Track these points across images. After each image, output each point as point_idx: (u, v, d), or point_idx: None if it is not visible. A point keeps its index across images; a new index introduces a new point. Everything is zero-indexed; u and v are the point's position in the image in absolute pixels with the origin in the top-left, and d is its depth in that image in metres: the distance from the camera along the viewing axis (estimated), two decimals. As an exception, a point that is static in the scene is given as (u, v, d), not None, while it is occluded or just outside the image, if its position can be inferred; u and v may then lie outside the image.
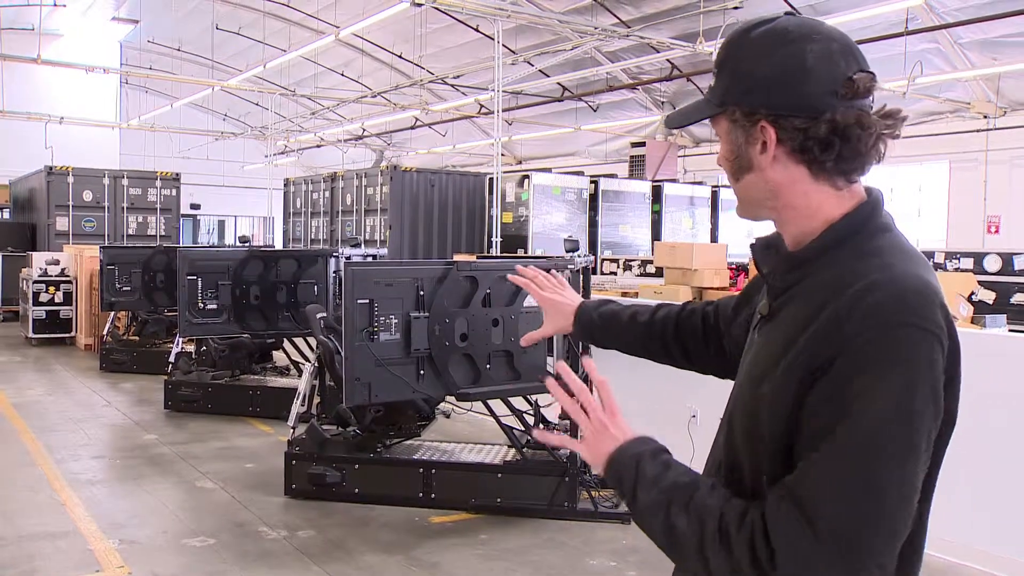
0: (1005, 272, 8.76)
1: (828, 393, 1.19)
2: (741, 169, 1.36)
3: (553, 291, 1.95)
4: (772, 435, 1.26)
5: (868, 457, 1.16)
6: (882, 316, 1.18)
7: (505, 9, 14.07)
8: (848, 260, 1.27)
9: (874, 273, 1.22)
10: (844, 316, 1.20)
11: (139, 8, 22.46)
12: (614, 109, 22.98)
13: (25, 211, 19.16)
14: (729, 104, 1.35)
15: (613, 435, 1.39)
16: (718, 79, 1.38)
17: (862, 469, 1.16)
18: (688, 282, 9.08)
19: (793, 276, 1.35)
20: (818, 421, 1.19)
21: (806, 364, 1.22)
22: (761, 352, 1.36)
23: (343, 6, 19.26)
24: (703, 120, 1.42)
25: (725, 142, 1.39)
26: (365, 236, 16.88)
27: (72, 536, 5.06)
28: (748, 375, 1.38)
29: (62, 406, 8.73)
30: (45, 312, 13.15)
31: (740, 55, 1.35)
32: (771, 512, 1.19)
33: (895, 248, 1.29)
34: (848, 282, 1.23)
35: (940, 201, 18.03)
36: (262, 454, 6.92)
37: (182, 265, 8.16)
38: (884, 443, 1.16)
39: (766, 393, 1.28)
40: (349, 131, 27.79)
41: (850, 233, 1.30)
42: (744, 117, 1.33)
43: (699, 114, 1.41)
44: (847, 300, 1.21)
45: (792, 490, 1.18)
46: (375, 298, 5.12)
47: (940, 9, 14.62)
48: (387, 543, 5.02)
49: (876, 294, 1.20)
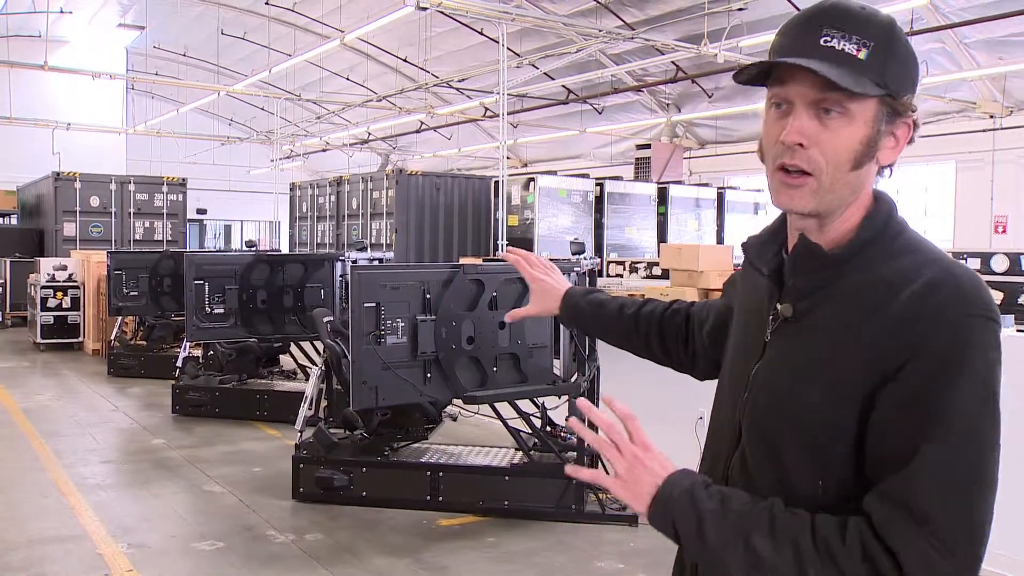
0: (1013, 272, 8.73)
1: (908, 398, 1.17)
2: (868, 157, 1.28)
3: (544, 272, 1.96)
4: (831, 441, 1.24)
5: (971, 451, 1.16)
6: (949, 314, 1.18)
7: (509, 12, 14.09)
8: (885, 259, 1.26)
9: (925, 270, 1.22)
10: (911, 318, 1.18)
11: (145, 14, 22.56)
12: (619, 111, 22.98)
13: (33, 217, 19.25)
14: (892, 91, 1.26)
15: (651, 469, 1.30)
16: (875, 58, 1.24)
17: (971, 465, 1.16)
18: (694, 284, 9.06)
19: (824, 276, 1.30)
20: (903, 426, 1.17)
21: (870, 369, 1.20)
22: (794, 357, 1.30)
23: (348, 10, 19.33)
24: (857, 94, 1.24)
25: (863, 125, 1.26)
26: (371, 240, 16.90)
27: (81, 540, 5.07)
28: (775, 382, 1.32)
29: (70, 411, 8.76)
30: (53, 317, 13.21)
31: (901, 46, 1.28)
32: (883, 520, 1.15)
33: (923, 242, 1.29)
34: (899, 283, 1.22)
35: (947, 201, 17.98)
36: (270, 458, 6.94)
37: (189, 270, 8.18)
38: (983, 434, 1.17)
39: (815, 400, 1.25)
40: (355, 135, 27.88)
41: (880, 231, 1.29)
42: (899, 108, 1.28)
43: (861, 87, 1.23)
44: (909, 302, 1.19)
45: (898, 494, 1.15)
46: (381, 301, 5.13)
47: (945, 9, 14.60)
48: (395, 546, 5.02)
49: (938, 293, 1.19)
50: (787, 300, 1.35)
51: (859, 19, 1.26)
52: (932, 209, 18.27)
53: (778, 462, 1.31)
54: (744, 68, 1.31)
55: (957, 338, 1.18)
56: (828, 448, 1.25)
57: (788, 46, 1.28)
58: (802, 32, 1.28)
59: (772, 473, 1.31)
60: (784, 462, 1.30)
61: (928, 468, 1.15)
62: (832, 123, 1.25)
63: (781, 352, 1.34)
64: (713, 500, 1.25)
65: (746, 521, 1.22)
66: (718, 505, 1.25)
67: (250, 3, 22.07)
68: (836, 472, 1.24)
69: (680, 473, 1.30)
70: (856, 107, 1.25)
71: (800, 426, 1.27)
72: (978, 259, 9.39)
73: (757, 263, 1.41)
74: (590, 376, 5.77)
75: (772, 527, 1.21)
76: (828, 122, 1.25)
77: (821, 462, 1.25)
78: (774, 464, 1.31)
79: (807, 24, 1.28)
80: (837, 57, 1.24)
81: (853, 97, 1.24)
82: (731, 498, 1.26)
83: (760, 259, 1.41)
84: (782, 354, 1.34)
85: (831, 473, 1.25)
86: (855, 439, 1.22)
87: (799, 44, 1.27)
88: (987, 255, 9.39)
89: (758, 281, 1.42)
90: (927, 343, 1.17)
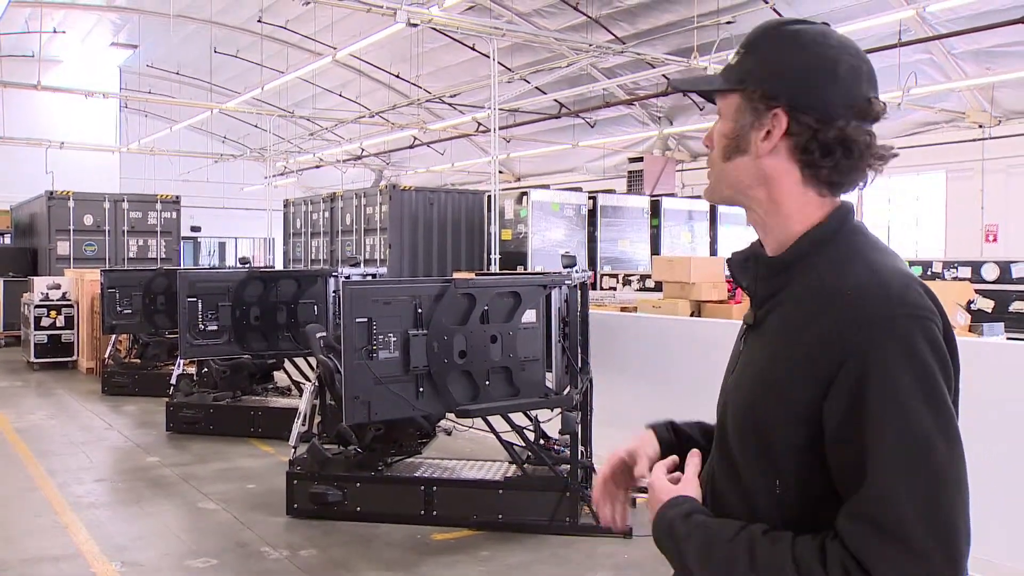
0: (1003, 280, 8.79)
1: (847, 407, 1.19)
2: (737, 150, 1.36)
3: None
4: (786, 444, 1.26)
5: (921, 451, 1.15)
6: (874, 315, 1.20)
7: (501, 28, 14.18)
8: (831, 264, 1.29)
9: (862, 276, 1.25)
10: (840, 325, 1.21)
11: (138, 33, 22.65)
12: (611, 125, 23.08)
13: (26, 236, 19.23)
14: (750, 84, 1.34)
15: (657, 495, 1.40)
16: (742, 58, 1.37)
17: (924, 465, 1.15)
18: (687, 296, 9.10)
19: (777, 282, 1.35)
20: (849, 434, 1.19)
21: (812, 373, 1.23)
22: (755, 363, 1.34)
23: (340, 27, 19.40)
24: (713, 91, 1.41)
25: (728, 120, 1.37)
26: (365, 255, 16.92)
27: (74, 559, 5.06)
28: (740, 386, 1.37)
29: (64, 430, 8.74)
30: (47, 336, 13.17)
31: (774, 42, 1.35)
32: (853, 539, 1.15)
33: (871, 247, 1.32)
34: (837, 288, 1.25)
35: (938, 211, 18.08)
36: (264, 474, 6.93)
37: (182, 287, 8.18)
38: (929, 432, 1.16)
39: (770, 404, 1.28)
40: (348, 151, 27.92)
41: (828, 237, 1.32)
42: (761, 99, 1.33)
43: (711, 84, 1.41)
44: (841, 307, 1.22)
45: (864, 511, 1.16)
46: (373, 316, 5.14)
47: (933, 20, 14.72)
48: (389, 561, 5.02)
49: (865, 297, 1.22)
50: (751, 308, 1.41)
51: (750, 33, 1.41)
52: (923, 219, 18.35)
53: (737, 470, 1.34)
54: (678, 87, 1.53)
55: (885, 338, 1.19)
56: (783, 457, 1.27)
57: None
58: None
59: (732, 481, 1.35)
60: (740, 470, 1.33)
61: (883, 477, 1.15)
62: (716, 124, 1.42)
63: (746, 361, 1.39)
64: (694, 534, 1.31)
65: (727, 555, 1.25)
66: (699, 538, 1.30)
67: (243, 21, 22.15)
68: (793, 483, 1.26)
69: (666, 506, 1.37)
70: (722, 104, 1.39)
71: (757, 434, 1.30)
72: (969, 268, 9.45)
73: (739, 278, 1.46)
74: (583, 389, 5.78)
75: (752, 562, 1.22)
76: (716, 124, 1.42)
77: (779, 472, 1.27)
78: (734, 473, 1.35)
79: None
80: (724, 69, 1.41)
81: (721, 96, 1.39)
82: (712, 529, 1.29)
83: (742, 273, 1.45)
84: (746, 363, 1.38)
85: (786, 482, 1.26)
86: (809, 448, 1.24)
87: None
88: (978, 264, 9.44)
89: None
90: (858, 347, 1.20)
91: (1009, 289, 8.66)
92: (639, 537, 5.24)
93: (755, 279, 1.40)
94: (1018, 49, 14.76)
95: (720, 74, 1.40)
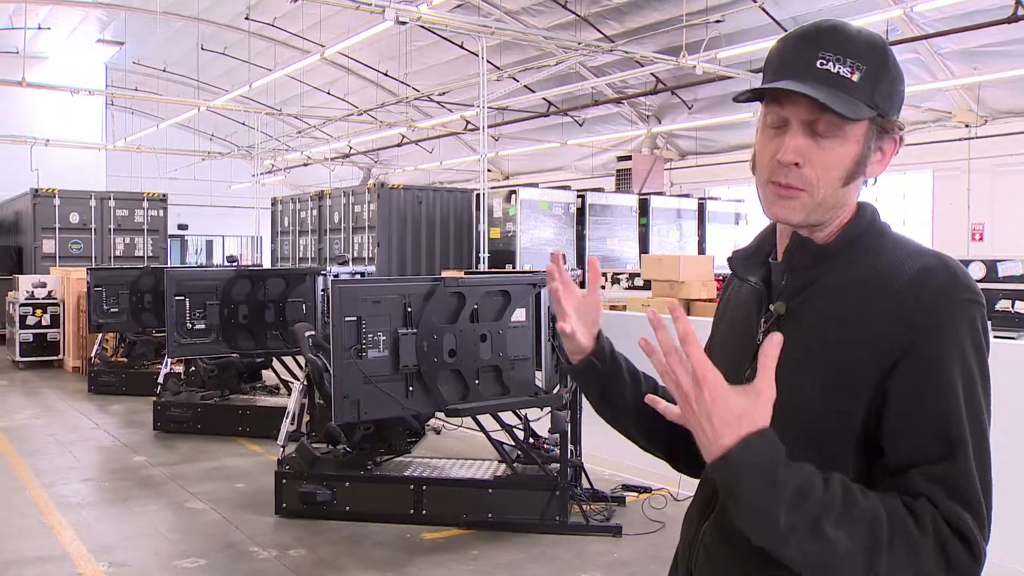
0: (989, 279, 8.83)
1: (924, 372, 1.24)
2: (857, 173, 1.35)
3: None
4: (830, 431, 1.29)
5: (981, 428, 1.24)
6: (950, 294, 1.26)
7: (489, 26, 14.15)
8: (873, 255, 1.34)
9: (917, 259, 1.30)
10: (912, 301, 1.25)
11: (124, 30, 22.49)
12: (600, 123, 23.09)
13: (11, 234, 19.08)
14: (882, 110, 1.33)
15: (732, 419, 1.17)
16: (872, 82, 1.31)
17: (981, 441, 1.24)
18: (676, 294, 9.12)
19: (815, 272, 1.37)
20: (925, 398, 1.24)
21: (875, 357, 1.26)
22: (789, 352, 1.23)
23: (328, 25, 19.33)
24: (851, 119, 1.29)
25: (856, 143, 1.32)
26: (353, 254, 16.88)
27: (61, 560, 5.02)
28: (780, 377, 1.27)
29: (50, 429, 8.68)
30: (32, 335, 13.10)
31: (891, 67, 1.34)
32: (944, 503, 1.20)
33: (907, 239, 1.38)
34: (892, 273, 1.29)
35: (924, 210, 18.17)
36: (252, 474, 6.90)
37: (169, 286, 8.14)
38: (983, 410, 1.26)
39: (814, 391, 1.30)
40: (336, 149, 27.84)
41: (863, 232, 1.38)
42: (887, 126, 1.35)
43: (857, 114, 1.29)
44: (908, 287, 1.27)
45: (951, 482, 1.21)
46: (363, 315, 5.12)
47: (920, 20, 14.78)
48: (379, 560, 5.01)
49: (936, 277, 1.27)
50: (780, 300, 1.41)
51: (855, 43, 1.32)
52: (910, 217, 18.44)
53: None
54: (743, 92, 1.37)
55: (959, 317, 1.26)
56: (827, 439, 1.29)
57: (784, 66, 1.34)
58: (799, 53, 1.33)
59: None
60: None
61: (964, 451, 1.22)
62: (825, 143, 1.31)
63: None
64: (791, 485, 1.16)
65: (818, 506, 1.16)
66: (796, 490, 1.16)
67: (230, 18, 22.05)
68: (835, 462, 1.26)
69: (760, 439, 1.17)
70: (849, 128, 1.31)
71: (799, 417, 1.30)
72: (955, 266, 9.51)
73: (744, 274, 1.47)
74: (572, 387, 5.78)
75: (846, 514, 1.16)
76: (822, 141, 1.31)
77: (821, 452, 1.26)
78: None
79: (804, 45, 1.33)
80: (831, 80, 1.29)
81: (846, 119, 1.29)
82: (808, 480, 1.18)
83: (747, 270, 1.46)
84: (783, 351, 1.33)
85: (829, 464, 1.23)
86: (860, 427, 1.28)
87: (796, 65, 1.32)
88: (964, 262, 9.48)
89: (743, 292, 1.50)
90: (936, 321, 1.25)
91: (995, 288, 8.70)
92: (628, 536, 5.25)
93: (784, 271, 1.41)
94: (1005, 49, 14.84)
95: (840, 94, 1.29)
